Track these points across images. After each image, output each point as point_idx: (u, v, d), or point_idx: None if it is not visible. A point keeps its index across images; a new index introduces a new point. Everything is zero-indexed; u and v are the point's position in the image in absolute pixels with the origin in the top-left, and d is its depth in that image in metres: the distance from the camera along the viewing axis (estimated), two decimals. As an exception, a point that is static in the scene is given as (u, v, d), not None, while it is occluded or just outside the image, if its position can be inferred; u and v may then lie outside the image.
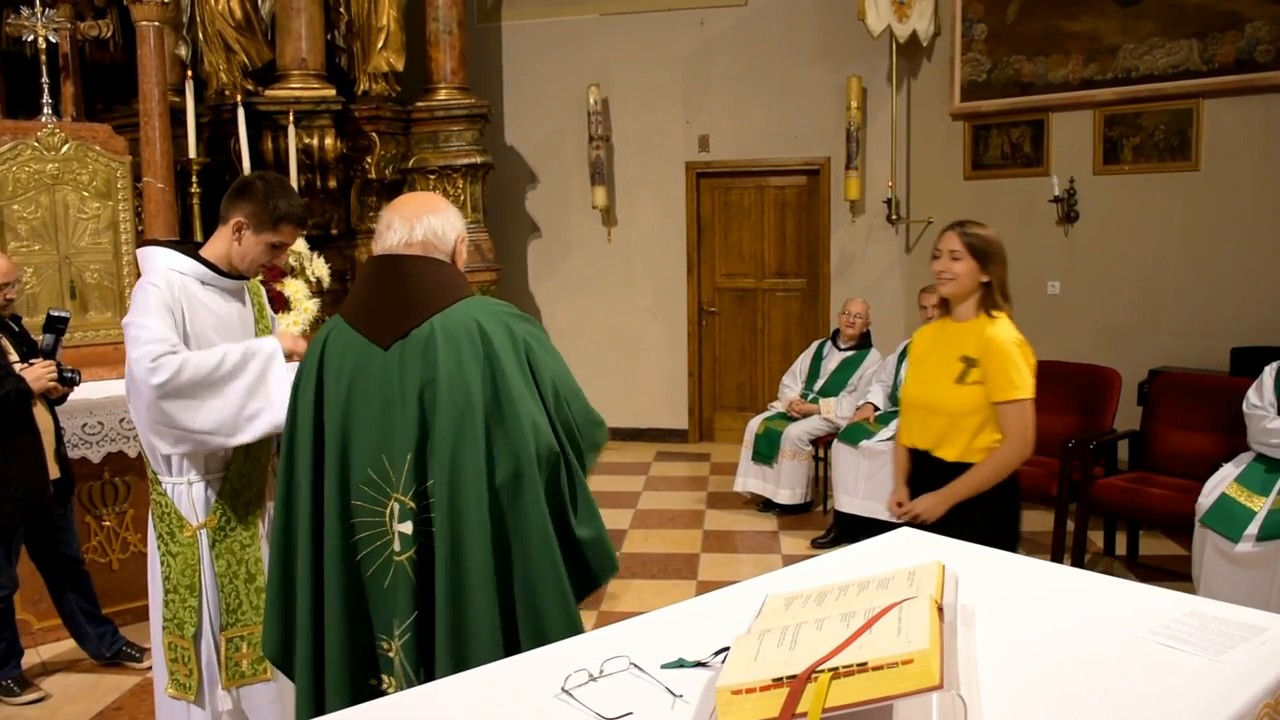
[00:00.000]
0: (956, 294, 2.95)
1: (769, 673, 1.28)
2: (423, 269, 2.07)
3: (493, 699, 1.45)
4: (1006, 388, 2.88)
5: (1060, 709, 1.35)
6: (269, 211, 2.59)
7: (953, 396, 2.93)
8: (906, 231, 7.19)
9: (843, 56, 7.10)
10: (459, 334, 1.98)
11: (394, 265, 2.08)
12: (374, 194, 6.86)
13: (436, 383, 1.96)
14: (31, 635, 4.02)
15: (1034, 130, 6.44)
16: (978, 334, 2.92)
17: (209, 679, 2.65)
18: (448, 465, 1.94)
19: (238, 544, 2.66)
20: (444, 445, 1.95)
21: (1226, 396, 4.57)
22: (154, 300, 2.47)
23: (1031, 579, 1.88)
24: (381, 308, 2.06)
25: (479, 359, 1.96)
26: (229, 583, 2.65)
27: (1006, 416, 2.91)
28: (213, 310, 2.61)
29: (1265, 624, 1.59)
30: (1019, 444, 2.92)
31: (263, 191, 2.61)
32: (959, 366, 2.92)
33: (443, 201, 2.19)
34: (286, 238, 2.65)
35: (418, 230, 2.08)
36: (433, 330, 1.99)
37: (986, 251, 2.90)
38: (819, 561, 2.03)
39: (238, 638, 2.67)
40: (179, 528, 2.62)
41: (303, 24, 6.24)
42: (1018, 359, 2.88)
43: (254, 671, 2.68)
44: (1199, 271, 5.90)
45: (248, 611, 2.67)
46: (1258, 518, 3.84)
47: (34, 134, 4.54)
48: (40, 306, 4.57)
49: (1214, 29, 5.69)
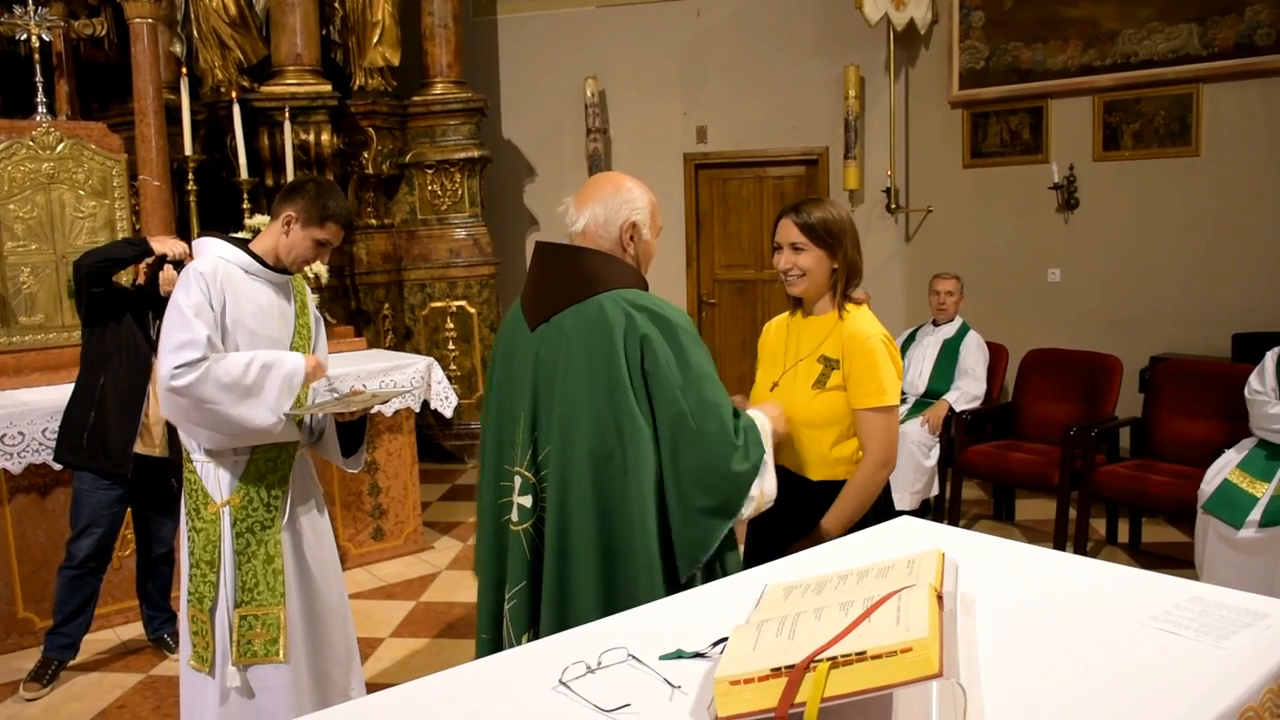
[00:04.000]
0: (810, 291, 2.52)
1: (767, 662, 1.27)
2: (573, 257, 2.15)
3: (491, 691, 1.44)
4: (872, 393, 2.41)
5: (1062, 696, 1.34)
6: (318, 208, 2.76)
7: (811, 404, 2.47)
8: (906, 221, 7.17)
9: (840, 45, 7.07)
10: (591, 327, 2.06)
11: (547, 252, 2.21)
12: (371, 189, 6.85)
13: (561, 372, 2.07)
14: (34, 634, 4.02)
15: (1033, 117, 6.42)
16: (838, 330, 2.48)
17: (221, 654, 2.71)
18: (560, 456, 2.06)
19: (259, 525, 2.73)
20: (559, 435, 2.06)
21: (1228, 382, 4.56)
22: (196, 291, 2.60)
23: (1033, 566, 1.87)
24: (536, 290, 2.19)
25: (606, 353, 2.03)
26: (246, 561, 2.72)
27: (871, 425, 2.43)
28: (254, 300, 2.73)
29: (1268, 610, 1.58)
30: (884, 457, 2.44)
31: (314, 190, 2.79)
32: (817, 369, 2.48)
33: (614, 184, 2.21)
34: (331, 235, 2.80)
35: (583, 220, 2.17)
36: (567, 319, 2.09)
37: (830, 233, 2.46)
38: (818, 551, 2.02)
39: (251, 616, 2.71)
40: (204, 504, 2.71)
41: (297, 19, 6.22)
42: (884, 360, 2.43)
43: (266, 652, 2.72)
44: (1200, 257, 5.88)
45: (264, 592, 2.72)
46: (1260, 504, 3.82)
47: (29, 133, 4.52)
48: (39, 307, 4.57)
49: (1213, 13, 5.66)
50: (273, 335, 2.76)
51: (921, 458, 5.09)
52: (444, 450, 6.97)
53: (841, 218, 2.50)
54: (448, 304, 6.92)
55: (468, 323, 6.93)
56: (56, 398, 3.96)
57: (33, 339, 4.55)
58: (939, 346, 5.46)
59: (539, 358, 2.11)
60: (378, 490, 5.07)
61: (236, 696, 2.72)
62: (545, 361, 2.10)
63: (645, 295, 2.11)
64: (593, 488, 2.02)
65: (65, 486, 4.04)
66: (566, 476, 2.04)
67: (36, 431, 3.98)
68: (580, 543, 2.03)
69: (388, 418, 5.02)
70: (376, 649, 4.03)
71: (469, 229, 6.97)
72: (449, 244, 6.94)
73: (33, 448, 3.98)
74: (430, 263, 6.93)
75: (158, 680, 3.80)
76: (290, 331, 2.84)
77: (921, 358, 5.49)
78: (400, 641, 4.13)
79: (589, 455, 2.02)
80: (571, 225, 2.17)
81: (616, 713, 1.34)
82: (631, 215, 2.16)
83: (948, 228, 6.93)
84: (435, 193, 6.93)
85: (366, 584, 4.76)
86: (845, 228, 2.49)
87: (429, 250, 6.95)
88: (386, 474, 5.09)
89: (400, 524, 5.16)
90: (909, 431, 5.08)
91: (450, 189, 6.91)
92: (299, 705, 2.75)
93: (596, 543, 2.03)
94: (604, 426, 2.02)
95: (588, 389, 2.03)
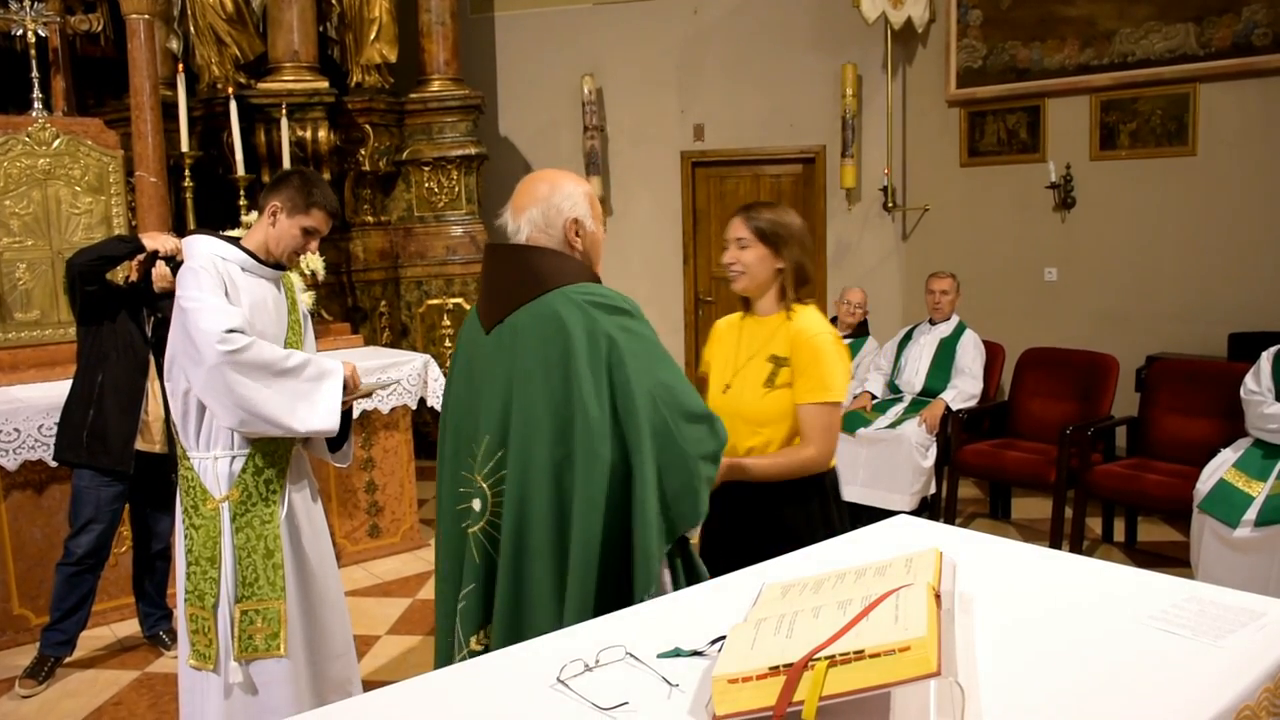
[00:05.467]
0: (751, 288, 2.59)
1: (765, 661, 1.27)
2: (522, 256, 2.12)
3: (488, 690, 1.44)
4: (816, 388, 2.48)
5: (1059, 695, 1.34)
6: (303, 197, 2.77)
7: (761, 402, 2.53)
8: (903, 219, 7.17)
9: (837, 43, 7.07)
10: (544, 327, 2.01)
11: (496, 253, 2.19)
12: (368, 186, 6.84)
13: (515, 375, 2.03)
14: (29, 631, 4.01)
15: (1030, 116, 6.42)
16: (784, 329, 2.55)
17: (224, 650, 2.71)
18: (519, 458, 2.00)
19: (258, 519, 2.74)
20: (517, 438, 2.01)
21: (1224, 382, 4.57)
22: (206, 280, 2.62)
23: (1030, 565, 1.87)
24: (488, 293, 2.17)
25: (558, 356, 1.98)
26: (247, 556, 2.72)
27: (813, 419, 2.49)
28: (250, 294, 2.74)
29: (1264, 609, 1.58)
30: (824, 449, 2.52)
31: (298, 180, 2.80)
32: (768, 368, 2.55)
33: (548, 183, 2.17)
34: (318, 223, 2.81)
35: (523, 227, 2.13)
36: (520, 320, 2.05)
37: (777, 234, 2.53)
38: (816, 549, 2.02)
39: (252, 611, 2.73)
40: (202, 501, 2.72)
41: (294, 16, 6.21)
42: (832, 356, 2.50)
43: (267, 646, 2.73)
44: (1196, 257, 5.89)
45: (264, 586, 2.73)
46: (1256, 503, 3.83)
47: (25, 129, 4.51)
48: (34, 303, 4.56)
49: (1211, 12, 5.66)
50: (269, 331, 2.76)
51: (919, 458, 5.09)
52: (440, 448, 6.97)
53: (790, 222, 2.57)
54: (444, 301, 6.91)
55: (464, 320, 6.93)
56: (52, 394, 3.96)
57: (29, 335, 4.54)
58: (935, 345, 5.46)
59: (494, 360, 2.08)
60: (374, 487, 5.06)
61: (239, 692, 2.73)
62: (500, 364, 2.07)
63: (596, 288, 2.07)
64: (552, 489, 1.97)
65: (61, 483, 4.04)
66: (526, 478, 1.99)
67: (32, 428, 3.97)
68: (538, 545, 1.98)
69: (384, 415, 5.01)
70: (373, 646, 4.03)
71: (466, 226, 6.96)
72: (446, 241, 6.94)
73: (28, 444, 3.97)
74: (427, 260, 6.92)
75: (153, 677, 3.80)
76: (285, 327, 2.85)
77: (918, 356, 5.49)
78: (397, 639, 4.12)
79: (548, 457, 1.97)
80: (514, 235, 2.14)
81: (614, 711, 1.34)
82: (571, 212, 2.12)
83: (945, 226, 6.94)
84: (432, 190, 6.93)
85: (363, 581, 4.76)
86: (793, 231, 2.56)
87: (426, 247, 6.94)
88: (383, 471, 5.08)
89: (396, 521, 5.16)
90: (906, 432, 5.08)
91: (447, 186, 6.90)
92: (299, 699, 2.76)
93: (555, 545, 1.97)
94: (562, 426, 1.97)
95: (544, 388, 1.98)
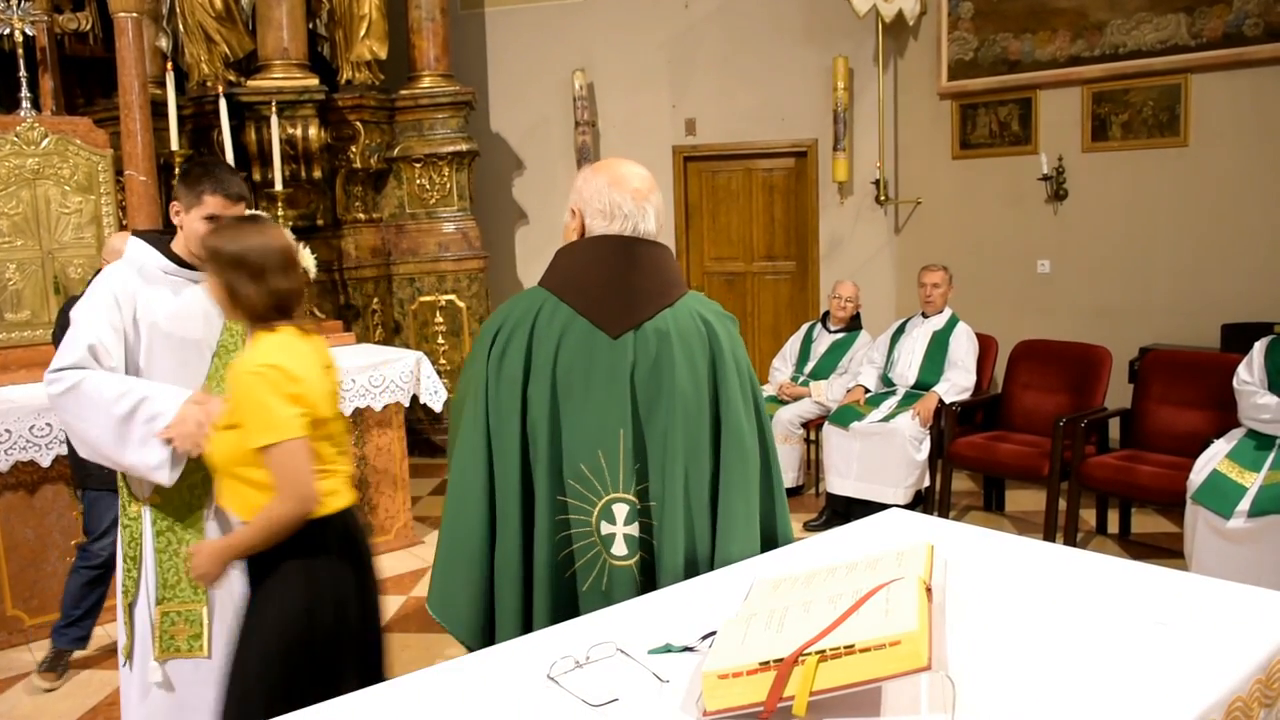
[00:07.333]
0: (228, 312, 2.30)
1: (756, 656, 1.27)
2: (660, 257, 1.98)
3: (480, 686, 1.44)
4: (260, 430, 2.13)
5: (1051, 688, 1.34)
6: (192, 187, 2.60)
7: (215, 446, 2.28)
8: (895, 212, 7.17)
9: (829, 37, 7.06)
10: (690, 332, 1.94)
11: (633, 249, 1.94)
12: (359, 184, 6.82)
13: (669, 381, 1.90)
14: (24, 632, 4.00)
15: (1022, 108, 6.42)
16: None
17: (142, 649, 2.71)
18: (680, 468, 1.89)
19: (179, 524, 2.71)
20: (674, 446, 1.89)
21: (1217, 373, 4.57)
22: (99, 297, 2.60)
23: (1023, 558, 1.87)
24: (614, 293, 1.92)
25: (707, 361, 1.94)
26: (168, 559, 2.71)
27: (271, 464, 2.15)
28: (169, 301, 2.65)
29: (1256, 600, 1.58)
30: (293, 497, 2.15)
31: (187, 173, 2.66)
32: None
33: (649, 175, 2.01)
34: (216, 208, 2.58)
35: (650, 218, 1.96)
36: (666, 325, 1.92)
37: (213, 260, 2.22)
38: (807, 544, 2.02)
39: (173, 613, 2.72)
40: (129, 501, 2.72)
41: (284, 13, 6.18)
42: (265, 391, 2.13)
43: (190, 647, 2.73)
44: (1189, 248, 5.89)
45: (185, 589, 2.71)
46: (1249, 494, 3.83)
47: (13, 129, 4.49)
48: (24, 303, 4.54)
49: (1202, 3, 5.66)
50: (194, 337, 2.65)
51: (913, 451, 5.09)
52: (433, 445, 6.96)
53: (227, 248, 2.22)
54: (437, 298, 6.90)
55: (457, 317, 6.92)
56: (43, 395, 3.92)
57: (19, 336, 4.52)
58: (928, 338, 5.46)
59: (636, 369, 1.89)
60: (367, 485, 5.05)
61: (158, 691, 2.73)
62: (647, 373, 1.89)
63: (701, 295, 2.06)
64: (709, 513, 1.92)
65: (53, 484, 4.03)
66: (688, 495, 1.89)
67: (24, 429, 3.95)
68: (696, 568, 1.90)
69: (377, 412, 5.00)
70: (367, 644, 4.01)
71: (458, 223, 6.95)
72: (438, 238, 6.92)
73: (20, 445, 3.95)
74: (419, 257, 6.91)
75: (147, 678, 3.79)
76: (217, 331, 2.68)
77: (911, 350, 5.49)
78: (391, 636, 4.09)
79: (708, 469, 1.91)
80: (639, 222, 1.94)
81: (605, 707, 1.33)
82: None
83: (937, 219, 6.93)
84: (424, 186, 6.91)
85: (357, 579, 4.74)
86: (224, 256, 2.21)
87: (418, 244, 6.92)
88: (376, 468, 5.07)
89: (390, 518, 5.15)
90: (900, 426, 5.09)
91: (439, 183, 6.88)
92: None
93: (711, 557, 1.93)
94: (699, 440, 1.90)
95: (695, 401, 1.90)
